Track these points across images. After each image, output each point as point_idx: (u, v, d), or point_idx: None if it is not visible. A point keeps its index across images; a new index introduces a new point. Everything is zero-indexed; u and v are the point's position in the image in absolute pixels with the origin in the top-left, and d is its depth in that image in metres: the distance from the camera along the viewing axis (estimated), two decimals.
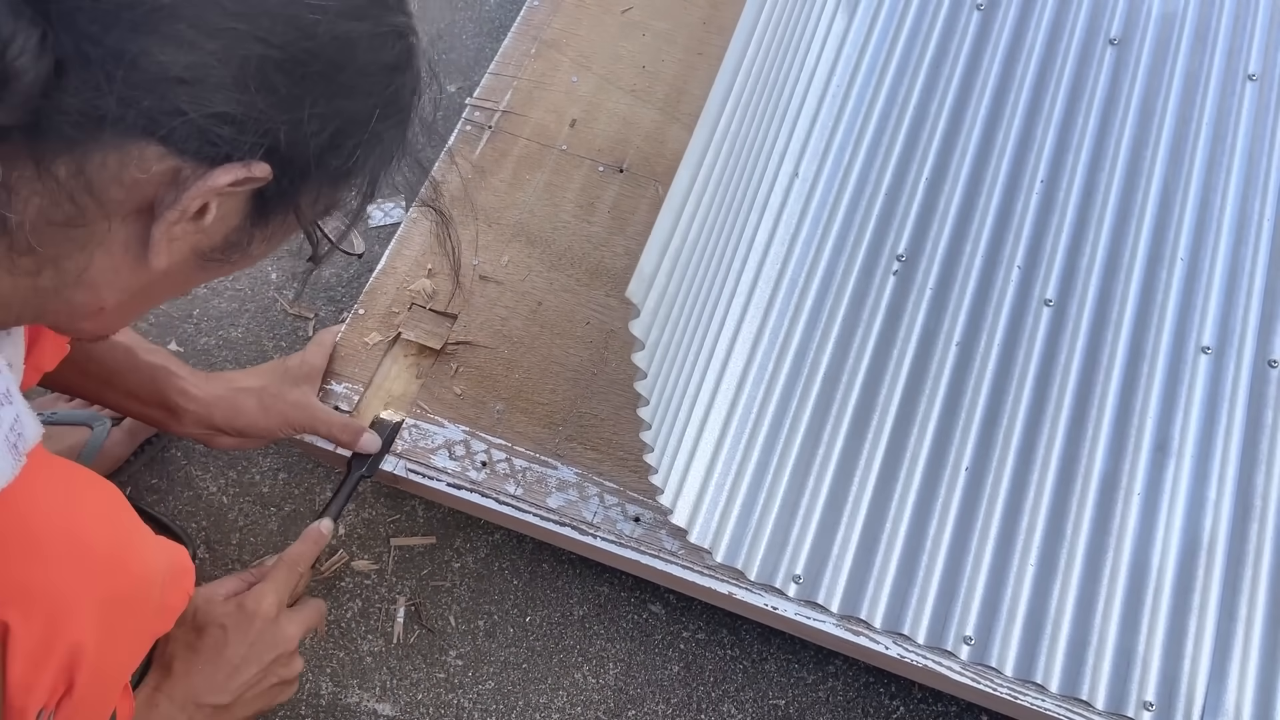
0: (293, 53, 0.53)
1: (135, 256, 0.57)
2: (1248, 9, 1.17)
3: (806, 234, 1.05)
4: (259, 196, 0.57)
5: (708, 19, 1.25)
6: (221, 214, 0.57)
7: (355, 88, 0.57)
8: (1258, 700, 0.90)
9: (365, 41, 0.56)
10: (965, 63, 1.15)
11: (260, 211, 0.59)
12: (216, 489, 1.13)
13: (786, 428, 0.99)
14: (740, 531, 0.96)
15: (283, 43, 0.53)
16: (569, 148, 1.17)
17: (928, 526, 0.96)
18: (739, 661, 1.06)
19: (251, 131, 0.53)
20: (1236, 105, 1.13)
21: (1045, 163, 1.10)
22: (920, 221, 1.08)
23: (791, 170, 1.05)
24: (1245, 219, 1.08)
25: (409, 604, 1.07)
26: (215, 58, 0.51)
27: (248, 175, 0.54)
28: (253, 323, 1.23)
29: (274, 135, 0.54)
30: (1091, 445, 0.99)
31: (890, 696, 1.04)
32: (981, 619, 0.93)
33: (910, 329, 1.03)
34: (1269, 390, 1.01)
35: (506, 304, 1.09)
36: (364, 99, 0.57)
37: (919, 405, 1.00)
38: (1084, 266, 1.06)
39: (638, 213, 1.14)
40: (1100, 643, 0.92)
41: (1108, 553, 0.95)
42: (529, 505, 0.99)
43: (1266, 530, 0.96)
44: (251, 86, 0.52)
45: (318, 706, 1.03)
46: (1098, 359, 1.02)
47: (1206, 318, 1.04)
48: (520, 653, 1.06)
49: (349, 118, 0.57)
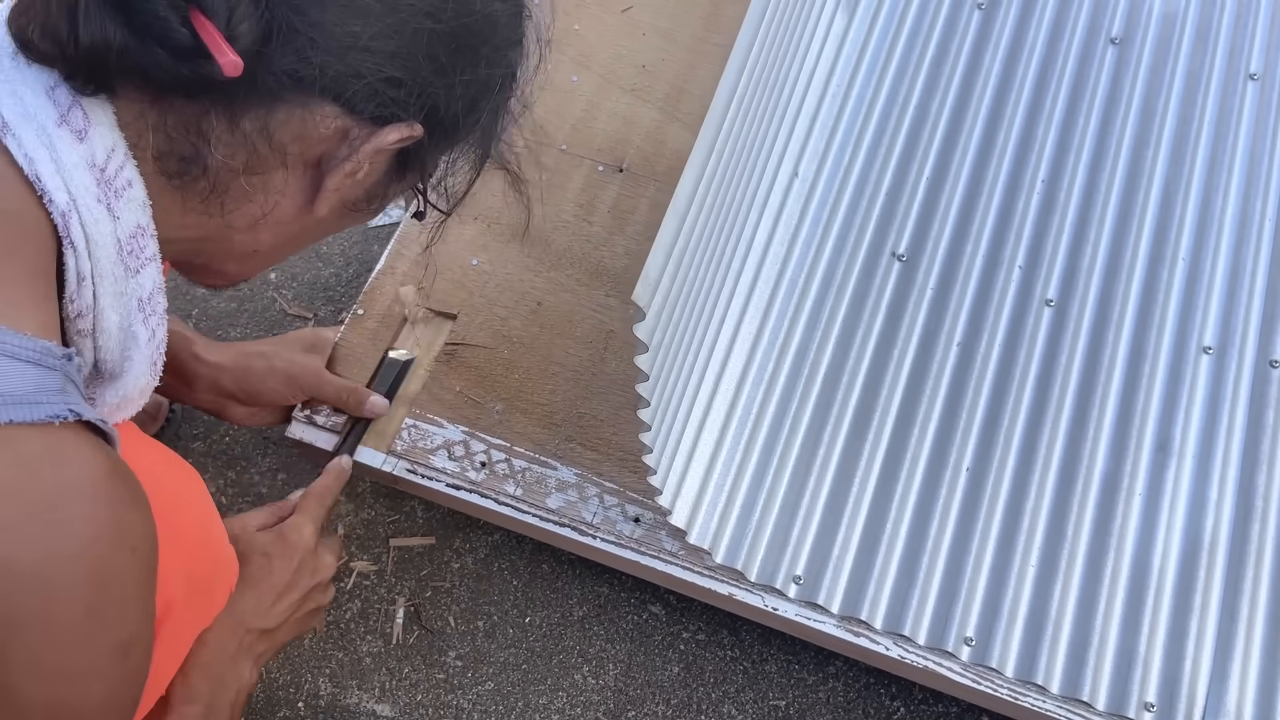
0: (454, 27, 0.61)
1: (299, 205, 0.65)
2: (1249, 9, 1.17)
3: (806, 234, 1.05)
4: (402, 153, 0.66)
5: (708, 18, 1.24)
6: (373, 168, 0.65)
7: (492, 59, 0.65)
8: (1259, 701, 0.90)
9: (505, 19, 0.65)
10: (966, 62, 1.15)
11: (400, 167, 0.67)
12: (216, 489, 1.13)
13: (786, 428, 0.99)
14: (740, 532, 0.95)
15: (447, 18, 0.61)
16: (569, 147, 1.17)
17: (928, 527, 0.96)
18: (739, 662, 1.05)
19: (415, 95, 0.62)
20: (1238, 105, 1.12)
21: (1046, 162, 1.10)
22: (921, 221, 1.08)
23: (791, 170, 1.05)
24: (1246, 219, 1.08)
25: (408, 604, 1.07)
26: (393, 29, 0.59)
27: (410, 134, 0.63)
28: (252, 322, 1.22)
29: (433, 99, 0.63)
30: (1093, 446, 0.98)
31: (891, 698, 1.04)
32: (982, 620, 0.93)
33: (911, 329, 1.03)
34: (1270, 391, 1.01)
35: (506, 304, 1.09)
36: (497, 69, 0.66)
37: (919, 405, 1.00)
38: (1085, 266, 1.06)
39: (638, 213, 1.14)
40: (1101, 644, 0.92)
41: (1109, 553, 0.95)
42: (528, 506, 0.99)
43: (1268, 531, 0.95)
44: (419, 55, 0.60)
45: (317, 707, 1.03)
46: (1099, 359, 1.02)
47: (1208, 318, 1.03)
48: (520, 653, 1.05)
49: (484, 85, 0.65)
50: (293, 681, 1.04)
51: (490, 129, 0.70)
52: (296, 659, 1.05)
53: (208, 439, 1.16)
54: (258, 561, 0.85)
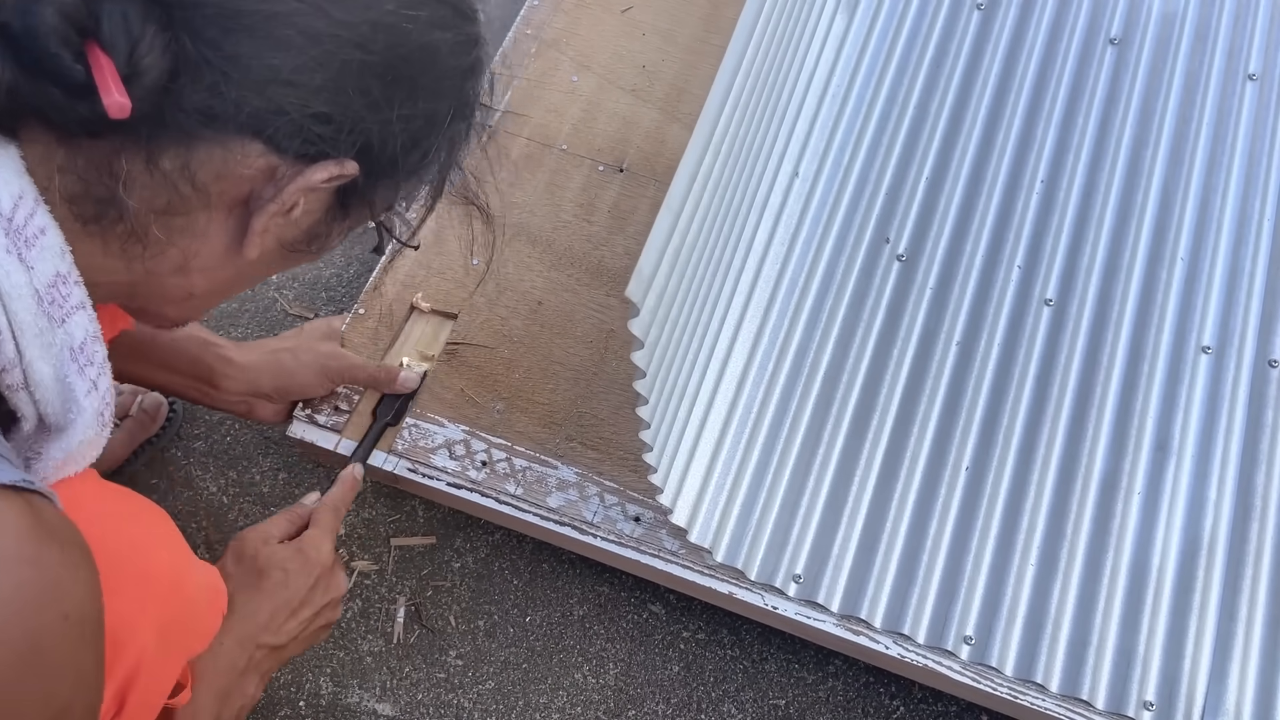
0: (387, 59, 0.57)
1: (228, 246, 0.61)
2: (1248, 9, 1.17)
3: (806, 234, 1.05)
4: (341, 191, 0.62)
5: (708, 19, 1.24)
6: (308, 208, 0.61)
7: (436, 91, 0.61)
8: (1258, 700, 0.90)
9: (447, 49, 0.61)
10: (965, 62, 1.15)
11: (342, 205, 0.63)
12: (216, 489, 1.13)
13: (786, 427, 0.99)
14: (740, 531, 0.95)
15: (379, 49, 0.57)
16: (569, 147, 1.17)
17: (928, 526, 0.96)
18: (739, 661, 1.05)
19: (346, 131, 0.58)
20: (1237, 105, 1.13)
21: (1045, 162, 1.10)
22: (920, 221, 1.08)
23: (791, 170, 1.05)
24: (1245, 219, 1.08)
25: (409, 604, 1.07)
26: (317, 62, 0.55)
27: (340, 172, 0.59)
28: (253, 323, 1.23)
29: (366, 135, 0.59)
30: (1092, 445, 0.99)
31: (890, 696, 1.04)
32: (982, 619, 0.93)
33: (910, 329, 1.03)
34: (1269, 390, 1.01)
35: (506, 304, 1.09)
36: (442, 101, 0.62)
37: (919, 405, 1.00)
38: (1084, 266, 1.06)
39: (638, 212, 1.14)
40: (1100, 642, 0.92)
41: (1108, 552, 0.95)
42: (529, 505, 0.99)
43: (1267, 530, 0.95)
44: (349, 89, 0.57)
45: (318, 706, 1.03)
46: (1098, 359, 1.02)
47: (1207, 317, 1.04)
48: (520, 653, 1.06)
49: (428, 119, 0.62)
50: (294, 681, 1.04)
51: (445, 163, 0.66)
52: (297, 658, 1.05)
53: (209, 439, 1.16)
54: (276, 576, 0.84)
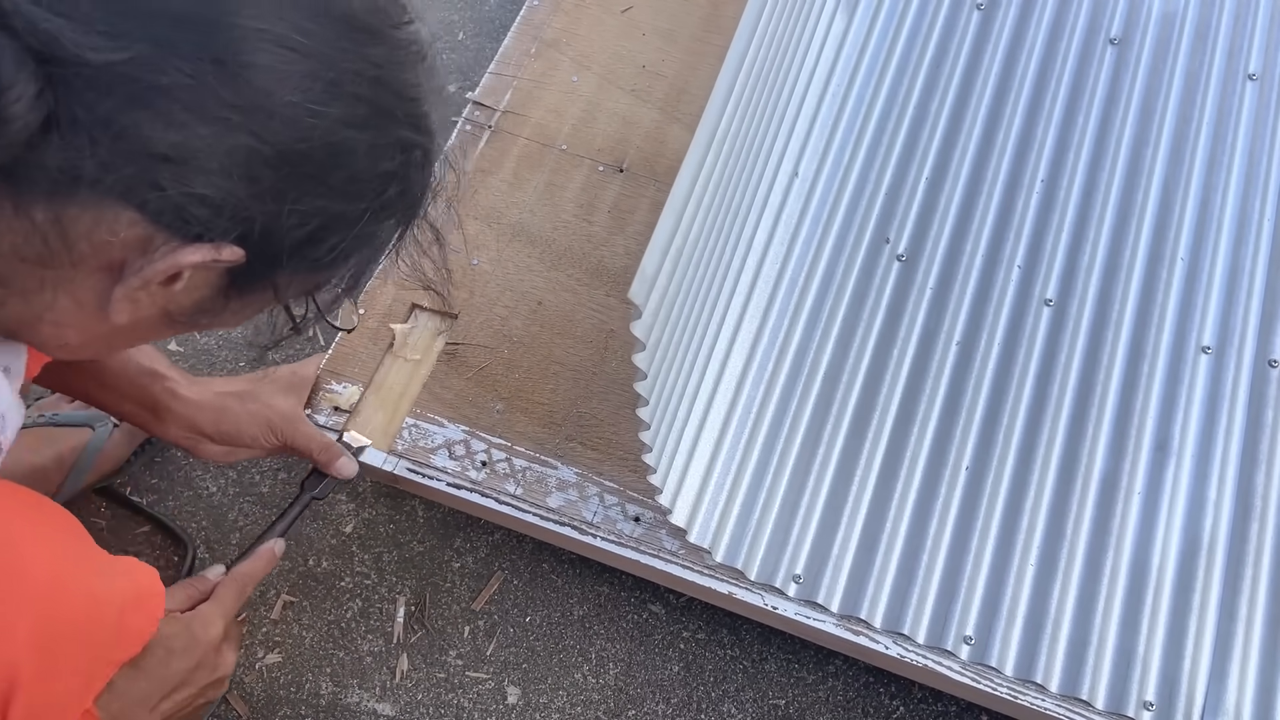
0: (283, 150, 0.54)
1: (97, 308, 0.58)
2: (1248, 8, 1.17)
3: (806, 234, 1.05)
4: (232, 273, 0.59)
5: (708, 19, 1.24)
6: (193, 284, 0.58)
7: (346, 191, 0.58)
8: (1258, 700, 0.90)
9: (364, 150, 0.57)
10: (965, 62, 1.15)
11: (235, 285, 0.60)
12: (216, 489, 1.13)
13: (786, 427, 0.99)
14: (740, 531, 0.96)
15: (275, 140, 0.54)
16: (569, 147, 1.17)
17: (928, 526, 0.96)
18: (739, 661, 1.05)
19: (227, 216, 0.55)
20: (1237, 105, 1.13)
21: (1045, 162, 1.10)
22: (920, 221, 1.08)
23: (791, 170, 1.05)
24: (1245, 218, 1.08)
25: (409, 604, 1.08)
26: (204, 142, 0.52)
27: (215, 258, 0.56)
28: (251, 324, 1.22)
29: (249, 223, 0.55)
30: (1092, 445, 0.99)
31: (890, 696, 1.04)
32: (981, 619, 0.93)
33: (910, 328, 1.03)
34: (1269, 390, 1.01)
35: (506, 304, 1.09)
36: (354, 202, 0.59)
37: (919, 405, 1.00)
38: (1084, 266, 1.06)
39: (638, 213, 1.14)
40: (1100, 642, 0.92)
41: (1108, 552, 0.95)
42: (529, 505, 0.99)
43: (1267, 530, 0.96)
44: (234, 175, 0.53)
45: (318, 706, 1.03)
46: (1098, 358, 1.02)
47: (1207, 317, 1.04)
48: (520, 652, 1.06)
49: (334, 216, 0.58)
50: (293, 680, 1.04)
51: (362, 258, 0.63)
52: (297, 658, 1.05)
53: None
54: (158, 655, 0.81)
